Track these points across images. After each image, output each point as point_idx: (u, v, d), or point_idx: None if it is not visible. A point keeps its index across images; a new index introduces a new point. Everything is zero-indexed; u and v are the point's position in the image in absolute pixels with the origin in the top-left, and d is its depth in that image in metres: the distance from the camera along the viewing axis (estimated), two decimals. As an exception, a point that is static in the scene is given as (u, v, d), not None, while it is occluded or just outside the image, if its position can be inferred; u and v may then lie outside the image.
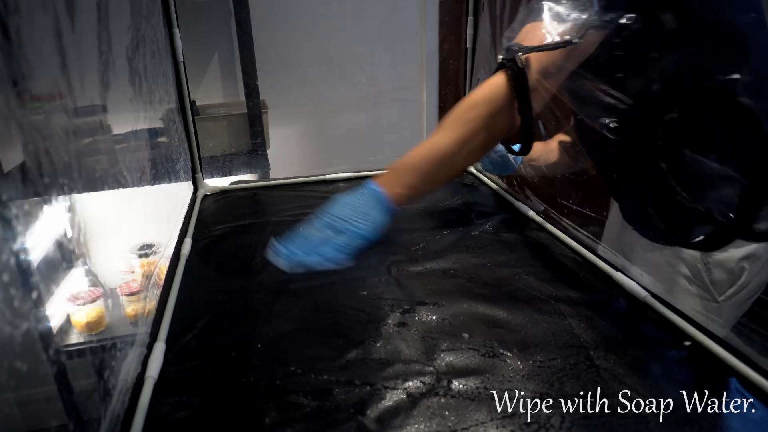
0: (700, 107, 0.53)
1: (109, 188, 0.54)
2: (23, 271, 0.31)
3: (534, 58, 0.66)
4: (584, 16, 0.62)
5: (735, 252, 0.74)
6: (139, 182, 0.66)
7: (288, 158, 1.85)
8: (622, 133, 0.63)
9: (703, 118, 0.52)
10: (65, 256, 0.40)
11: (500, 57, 0.70)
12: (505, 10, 0.90)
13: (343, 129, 1.90)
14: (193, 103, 1.00)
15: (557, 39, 0.63)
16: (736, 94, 0.50)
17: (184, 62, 0.95)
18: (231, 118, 1.60)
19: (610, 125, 0.63)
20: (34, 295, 0.32)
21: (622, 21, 0.58)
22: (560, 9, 0.64)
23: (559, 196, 0.84)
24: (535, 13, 0.66)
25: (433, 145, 0.72)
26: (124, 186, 0.60)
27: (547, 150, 0.90)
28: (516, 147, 0.76)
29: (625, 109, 0.59)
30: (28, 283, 0.32)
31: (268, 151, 1.64)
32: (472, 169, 1.10)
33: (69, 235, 0.41)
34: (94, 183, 0.48)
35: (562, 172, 0.88)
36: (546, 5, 0.65)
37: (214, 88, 1.77)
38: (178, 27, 0.93)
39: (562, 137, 0.88)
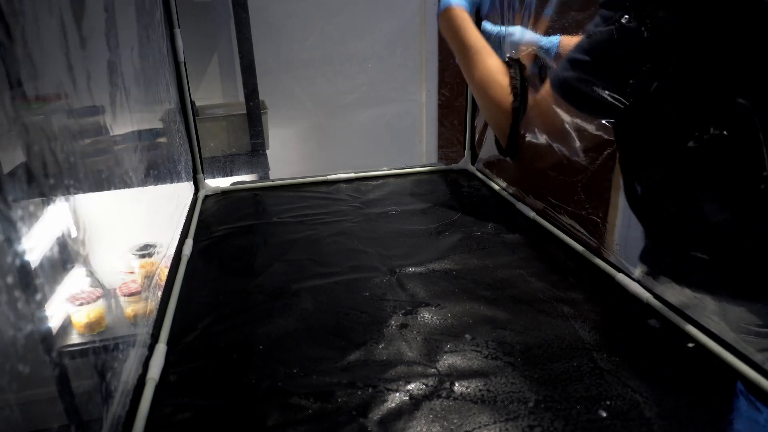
0: (698, 109, 0.53)
1: (110, 189, 0.54)
2: (27, 272, 0.31)
3: None
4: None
5: None
6: (140, 183, 0.66)
7: (287, 159, 1.85)
8: (619, 135, 0.63)
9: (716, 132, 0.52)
10: (66, 257, 0.40)
11: (507, 56, 0.71)
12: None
13: (342, 129, 1.90)
14: (192, 104, 0.99)
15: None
16: (736, 96, 0.49)
17: (185, 63, 0.94)
18: (231, 119, 1.60)
19: (607, 125, 0.63)
20: (38, 296, 0.32)
21: (622, 21, 0.58)
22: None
23: (561, 197, 0.83)
24: None
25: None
26: (126, 186, 0.60)
27: None
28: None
29: (624, 109, 0.59)
30: (32, 284, 0.32)
31: (268, 152, 1.64)
32: (474, 170, 1.10)
33: (70, 236, 0.40)
34: (95, 183, 0.48)
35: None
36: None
37: (214, 88, 1.77)
38: (179, 27, 0.93)
39: None
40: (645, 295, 0.60)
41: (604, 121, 0.65)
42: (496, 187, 0.99)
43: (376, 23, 1.80)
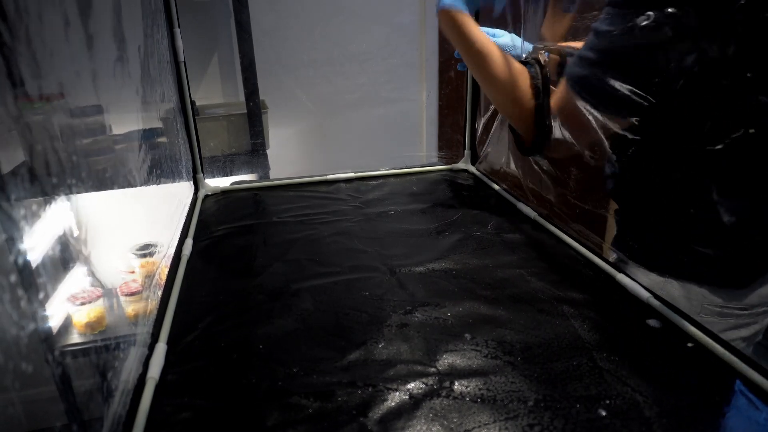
0: (716, 104, 0.53)
1: (111, 188, 0.54)
2: (30, 272, 0.31)
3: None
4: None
5: None
6: (141, 182, 0.66)
7: (288, 158, 1.85)
8: (644, 132, 0.63)
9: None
10: (67, 256, 0.40)
11: (524, 56, 0.71)
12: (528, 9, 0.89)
13: (343, 129, 1.90)
14: (192, 104, 0.99)
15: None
16: (754, 92, 0.49)
17: (185, 62, 0.95)
18: (231, 118, 1.60)
19: (635, 122, 0.63)
20: (40, 296, 0.32)
21: (639, 20, 0.58)
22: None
23: (560, 195, 0.83)
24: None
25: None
26: (127, 186, 0.60)
27: None
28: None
29: (648, 107, 0.59)
30: (35, 284, 0.32)
31: (268, 152, 1.64)
32: (474, 170, 1.10)
33: (71, 236, 0.41)
34: (97, 183, 0.48)
35: None
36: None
37: (214, 88, 1.77)
38: (179, 27, 0.93)
39: None
40: (645, 294, 0.60)
41: (634, 120, 0.65)
42: (496, 187, 0.99)
43: (376, 23, 1.80)
